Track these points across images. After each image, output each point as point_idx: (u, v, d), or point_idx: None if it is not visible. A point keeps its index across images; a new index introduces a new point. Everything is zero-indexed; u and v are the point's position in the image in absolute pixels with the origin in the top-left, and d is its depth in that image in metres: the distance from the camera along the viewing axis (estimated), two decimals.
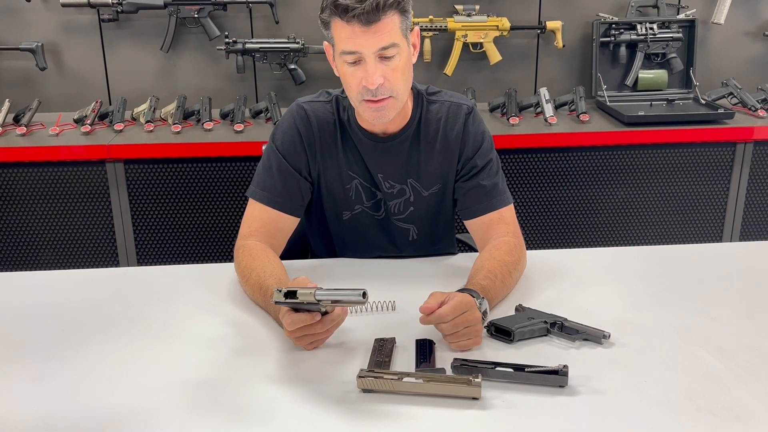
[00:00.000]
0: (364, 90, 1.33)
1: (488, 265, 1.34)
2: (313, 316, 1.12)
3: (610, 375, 1.10)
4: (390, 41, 1.29)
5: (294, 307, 1.12)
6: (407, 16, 1.34)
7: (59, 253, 2.58)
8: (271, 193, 1.47)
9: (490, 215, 1.47)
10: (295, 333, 1.14)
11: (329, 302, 1.09)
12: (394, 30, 1.30)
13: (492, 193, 1.48)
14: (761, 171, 2.69)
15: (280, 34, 2.81)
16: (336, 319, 1.16)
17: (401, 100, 1.38)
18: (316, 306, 1.10)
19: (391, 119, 1.41)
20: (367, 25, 1.27)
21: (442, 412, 1.01)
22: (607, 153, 2.63)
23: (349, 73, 1.34)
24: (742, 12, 2.95)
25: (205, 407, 1.04)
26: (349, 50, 1.31)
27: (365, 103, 1.35)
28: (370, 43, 1.28)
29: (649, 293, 1.39)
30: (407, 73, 1.36)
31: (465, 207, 1.51)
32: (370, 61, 1.30)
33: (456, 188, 1.52)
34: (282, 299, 1.11)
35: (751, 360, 1.15)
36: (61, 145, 2.49)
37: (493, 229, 1.46)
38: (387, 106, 1.36)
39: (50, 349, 1.19)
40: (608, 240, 2.73)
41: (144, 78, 2.87)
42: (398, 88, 1.35)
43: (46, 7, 2.76)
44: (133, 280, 1.50)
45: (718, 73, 2.97)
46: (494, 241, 1.43)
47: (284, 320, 1.13)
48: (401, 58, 1.33)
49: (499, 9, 2.85)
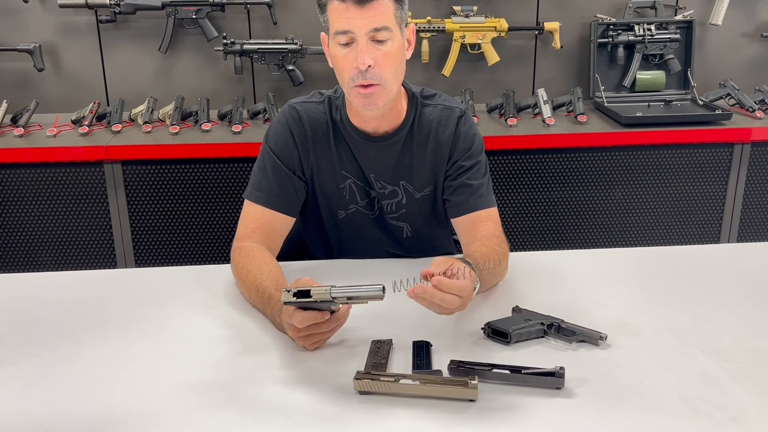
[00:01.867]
0: (356, 73, 1.34)
1: (481, 251, 1.35)
2: (323, 314, 1.12)
3: (607, 377, 1.10)
4: (383, 23, 1.31)
5: (301, 307, 1.12)
6: (402, 6, 1.36)
7: (57, 255, 2.58)
8: (266, 193, 1.47)
9: (477, 213, 1.48)
10: (303, 332, 1.14)
11: (345, 299, 1.09)
12: (387, 14, 1.32)
13: (478, 192, 1.49)
14: (759, 172, 2.70)
15: (278, 35, 2.81)
16: (341, 318, 1.16)
17: (390, 90, 1.38)
18: (328, 304, 1.10)
19: (380, 110, 1.41)
20: (361, 4, 1.29)
21: (439, 414, 1.01)
22: (605, 154, 2.64)
23: (342, 56, 1.35)
24: (740, 13, 2.95)
25: (204, 409, 1.04)
26: (342, 29, 1.32)
27: (355, 89, 1.36)
28: (363, 23, 1.30)
29: (646, 295, 1.39)
30: (398, 63, 1.37)
31: (452, 204, 1.52)
32: (362, 42, 1.32)
33: (444, 187, 1.53)
34: (291, 299, 1.10)
35: (747, 362, 1.15)
36: (58, 146, 2.49)
37: (480, 225, 1.47)
38: (376, 93, 1.36)
39: (47, 351, 1.19)
40: (606, 241, 2.74)
41: (142, 79, 2.87)
42: (387, 76, 1.35)
43: (43, 8, 2.76)
44: (129, 281, 1.50)
45: (715, 74, 2.97)
46: (484, 233, 1.44)
47: (294, 318, 1.12)
48: (393, 45, 1.34)
49: (497, 10, 2.85)
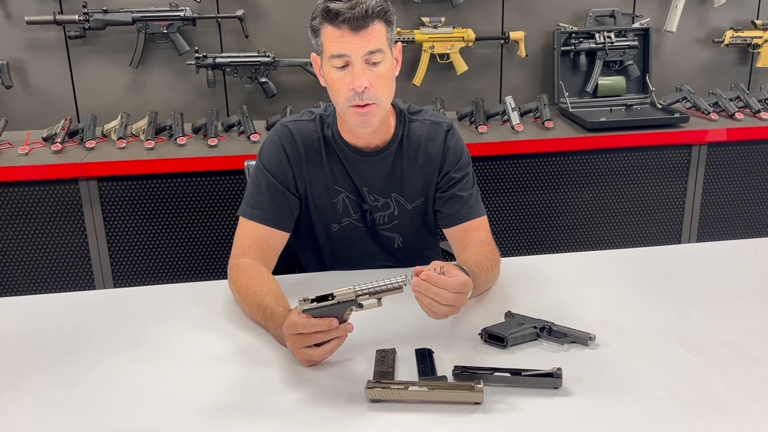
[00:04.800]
0: (352, 95, 1.39)
1: (474, 257, 1.42)
2: (330, 321, 1.16)
3: (599, 375, 1.18)
4: (377, 46, 1.37)
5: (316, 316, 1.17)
6: (392, 28, 1.42)
7: (33, 275, 2.56)
8: (261, 210, 1.51)
9: (468, 223, 1.55)
10: (305, 340, 1.16)
11: (368, 295, 1.16)
12: (380, 37, 1.38)
13: (469, 203, 1.56)
14: (715, 172, 2.85)
15: (250, 47, 2.84)
16: (347, 328, 1.18)
17: (383, 108, 1.45)
18: (347, 306, 1.16)
19: (374, 127, 1.46)
20: (356, 30, 1.35)
21: (448, 417, 1.07)
22: (571, 158, 2.74)
23: (337, 78, 1.40)
24: (693, 20, 3.11)
25: (220, 425, 1.07)
26: (338, 53, 1.37)
27: (352, 109, 1.41)
28: (358, 47, 1.36)
29: (625, 295, 1.48)
30: (390, 83, 1.43)
31: (444, 215, 1.58)
32: (358, 65, 1.37)
33: (435, 198, 1.59)
34: (311, 306, 1.15)
35: (724, 355, 1.24)
36: (31, 164, 2.47)
37: (472, 234, 1.55)
38: (371, 112, 1.42)
39: (58, 375, 1.21)
40: (574, 242, 2.85)
41: (112, 94, 2.86)
42: (382, 96, 1.42)
43: (10, 24, 2.73)
44: (128, 301, 1.51)
45: (672, 79, 3.12)
46: (475, 242, 1.51)
47: (298, 324, 1.15)
48: (386, 66, 1.40)
49: (464, 21, 2.94)
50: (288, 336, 1.19)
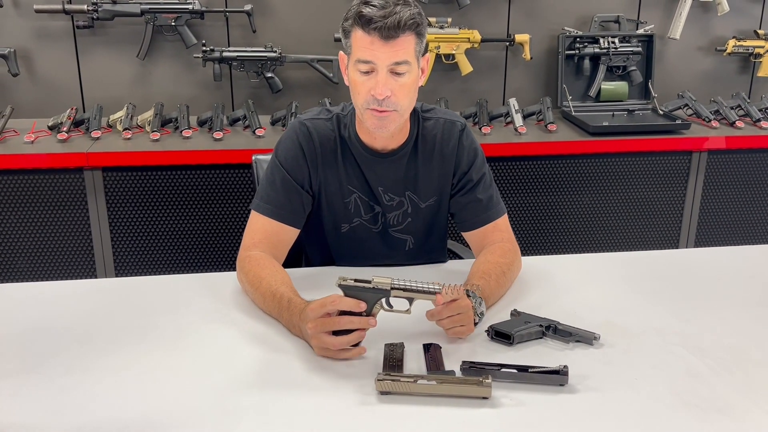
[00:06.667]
0: (372, 99, 1.40)
1: (483, 268, 1.45)
2: (358, 303, 1.20)
3: (604, 373, 1.20)
4: (404, 58, 1.38)
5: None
6: (422, 40, 1.42)
7: (35, 263, 2.56)
8: (274, 206, 1.52)
9: (486, 226, 1.58)
10: (329, 323, 1.20)
11: (402, 290, 1.21)
12: (408, 49, 1.38)
13: (488, 206, 1.58)
14: (714, 179, 2.88)
15: (257, 42, 2.85)
16: (371, 322, 1.21)
17: (403, 116, 1.46)
18: (379, 295, 1.21)
19: (391, 132, 1.48)
20: (386, 39, 1.35)
21: (456, 411, 1.09)
22: (573, 161, 2.77)
23: (360, 82, 1.41)
24: (696, 28, 3.14)
25: (232, 413, 1.09)
26: (364, 59, 1.38)
27: (370, 111, 1.43)
28: (385, 56, 1.37)
29: (627, 297, 1.50)
30: (413, 92, 1.44)
31: (463, 220, 1.60)
32: (382, 74, 1.38)
33: (453, 202, 1.61)
34: (350, 282, 1.21)
35: (725, 356, 1.26)
36: (37, 152, 2.47)
37: (489, 237, 1.57)
38: (390, 118, 1.43)
39: (70, 361, 1.22)
40: (573, 244, 2.87)
41: (119, 85, 2.86)
42: (403, 105, 1.43)
43: (18, 12, 2.73)
44: (135, 290, 1.53)
45: (674, 86, 3.15)
46: (489, 247, 1.54)
47: (329, 297, 1.21)
48: (410, 77, 1.41)
49: (470, 22, 2.96)
50: (312, 319, 1.21)
